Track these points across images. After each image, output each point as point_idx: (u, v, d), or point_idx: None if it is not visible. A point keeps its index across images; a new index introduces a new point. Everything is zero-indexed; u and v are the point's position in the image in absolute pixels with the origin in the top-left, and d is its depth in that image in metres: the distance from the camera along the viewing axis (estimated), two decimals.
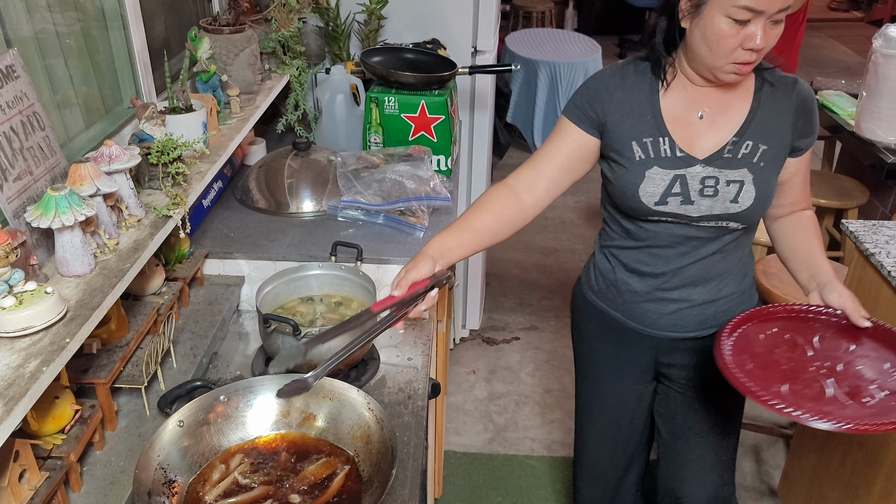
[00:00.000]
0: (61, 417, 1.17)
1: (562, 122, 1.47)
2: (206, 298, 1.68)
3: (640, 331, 1.56)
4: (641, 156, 1.39)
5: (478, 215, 1.45)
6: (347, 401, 1.31)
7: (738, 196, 1.36)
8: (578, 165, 1.48)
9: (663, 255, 1.46)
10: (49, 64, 1.39)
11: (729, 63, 1.27)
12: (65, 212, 1.09)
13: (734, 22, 1.22)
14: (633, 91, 1.40)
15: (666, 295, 1.49)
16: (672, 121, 1.39)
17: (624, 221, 1.49)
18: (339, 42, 2.34)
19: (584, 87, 1.45)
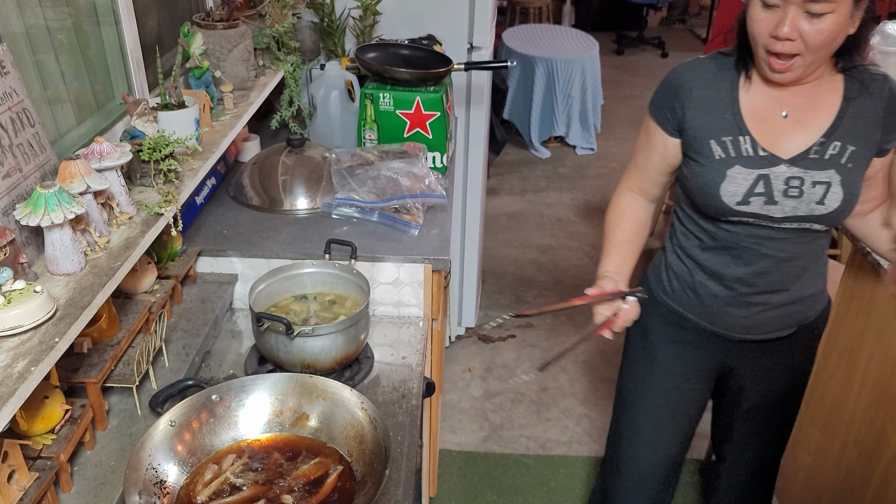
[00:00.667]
0: (51, 417, 1.16)
1: (648, 122, 1.47)
2: (199, 296, 1.66)
3: (715, 332, 1.54)
4: (721, 154, 1.36)
5: (621, 227, 1.53)
6: (340, 400, 1.30)
7: (824, 198, 1.33)
8: (668, 167, 1.49)
9: (744, 258, 1.43)
10: (40, 59, 1.37)
11: (764, 52, 1.25)
12: (54, 209, 1.07)
13: (764, 6, 1.21)
14: (712, 87, 1.37)
15: (747, 298, 1.47)
16: (753, 119, 1.35)
17: (702, 222, 1.46)
18: (334, 38, 2.32)
19: (664, 83, 1.43)
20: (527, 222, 4.22)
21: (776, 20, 1.21)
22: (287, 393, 1.32)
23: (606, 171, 4.84)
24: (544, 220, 4.24)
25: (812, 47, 1.21)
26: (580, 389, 2.96)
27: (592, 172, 4.83)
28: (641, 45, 7.40)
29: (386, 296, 1.75)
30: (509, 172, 4.81)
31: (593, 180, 4.72)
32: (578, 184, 4.68)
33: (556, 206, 4.41)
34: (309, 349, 1.44)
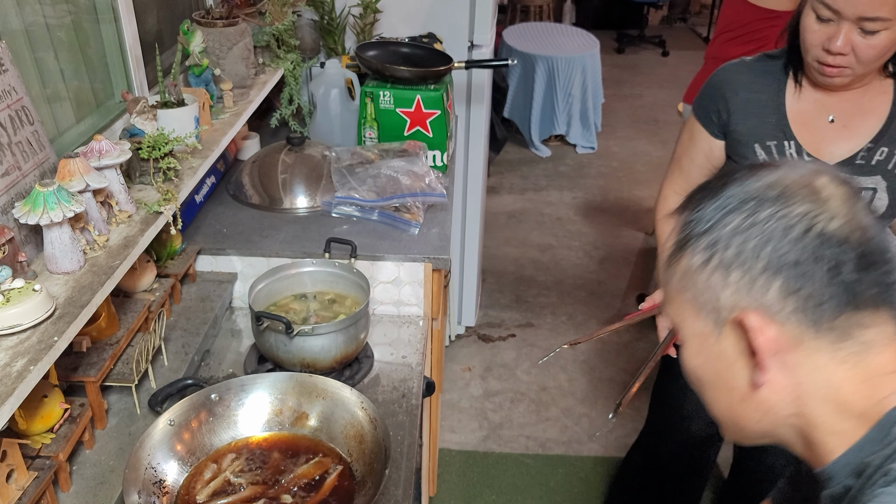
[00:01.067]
0: (50, 416, 1.15)
1: (692, 124, 1.46)
2: (199, 295, 1.66)
3: None
4: (765, 159, 1.35)
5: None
6: (340, 400, 1.30)
7: (869, 204, 1.29)
8: (711, 169, 1.48)
9: None
10: (39, 57, 1.36)
11: (815, 61, 1.25)
12: (53, 208, 1.07)
13: (818, 19, 1.21)
14: (757, 90, 1.36)
15: None
16: (798, 124, 1.34)
17: None
18: (334, 36, 2.32)
19: (708, 84, 1.42)
20: (527, 221, 4.21)
21: (829, 33, 1.20)
22: (287, 392, 1.32)
23: (607, 170, 4.84)
24: (544, 219, 4.23)
25: (864, 61, 1.21)
26: (580, 389, 2.95)
27: (593, 171, 4.82)
28: (642, 44, 7.39)
29: (386, 295, 1.74)
30: (509, 171, 4.80)
31: (594, 179, 4.72)
32: (579, 183, 4.68)
33: (556, 204, 4.40)
34: (309, 348, 1.43)
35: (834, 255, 0.67)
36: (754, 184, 0.72)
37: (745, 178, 0.73)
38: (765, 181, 0.71)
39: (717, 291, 0.71)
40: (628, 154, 5.07)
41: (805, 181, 0.71)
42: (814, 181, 0.71)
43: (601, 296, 3.55)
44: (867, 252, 0.68)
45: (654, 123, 5.54)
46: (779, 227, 0.69)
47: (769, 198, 0.70)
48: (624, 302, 3.51)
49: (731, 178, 0.74)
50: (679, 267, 0.76)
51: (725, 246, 0.71)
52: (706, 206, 0.73)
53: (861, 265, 0.68)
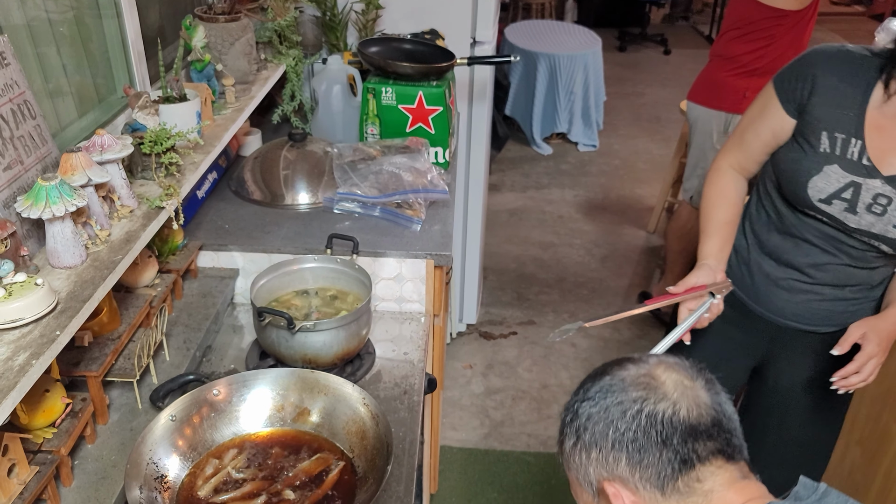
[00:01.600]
0: (52, 411, 1.15)
1: (768, 96, 1.42)
2: (200, 291, 1.66)
3: (762, 315, 1.53)
4: (826, 149, 1.34)
5: (724, 209, 1.49)
6: (342, 396, 1.30)
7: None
8: (774, 146, 1.44)
9: (805, 249, 1.43)
10: (41, 52, 1.36)
11: None
12: (55, 202, 1.07)
13: None
14: (849, 81, 1.32)
15: (798, 285, 1.47)
16: (873, 127, 1.31)
17: (779, 203, 1.45)
18: (336, 32, 2.31)
19: (801, 60, 1.38)
20: (528, 219, 4.21)
21: None
22: (288, 388, 1.32)
23: (609, 168, 4.83)
24: (546, 217, 4.23)
25: None
26: None
27: (594, 169, 4.82)
28: (644, 42, 7.38)
29: (387, 291, 1.74)
30: (511, 169, 4.80)
31: (595, 177, 4.71)
32: (580, 181, 4.67)
33: (557, 202, 4.40)
34: (310, 344, 1.43)
35: (662, 431, 0.84)
36: (605, 378, 0.90)
37: (599, 376, 0.92)
38: (613, 376, 0.90)
39: (587, 467, 0.89)
40: (630, 152, 5.06)
41: (644, 371, 0.89)
42: (652, 371, 0.89)
43: (602, 294, 3.55)
44: (695, 423, 0.84)
45: (655, 122, 5.54)
46: (618, 411, 0.86)
47: (613, 388, 0.89)
48: (625, 300, 3.50)
49: (590, 377, 0.93)
50: (563, 450, 0.94)
51: (584, 429, 0.89)
52: (573, 399, 0.93)
53: (689, 434, 0.84)
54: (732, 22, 2.70)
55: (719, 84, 2.78)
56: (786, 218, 1.45)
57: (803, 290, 1.47)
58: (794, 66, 1.39)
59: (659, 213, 4.04)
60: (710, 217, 1.50)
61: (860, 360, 1.40)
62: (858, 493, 1.84)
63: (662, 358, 0.93)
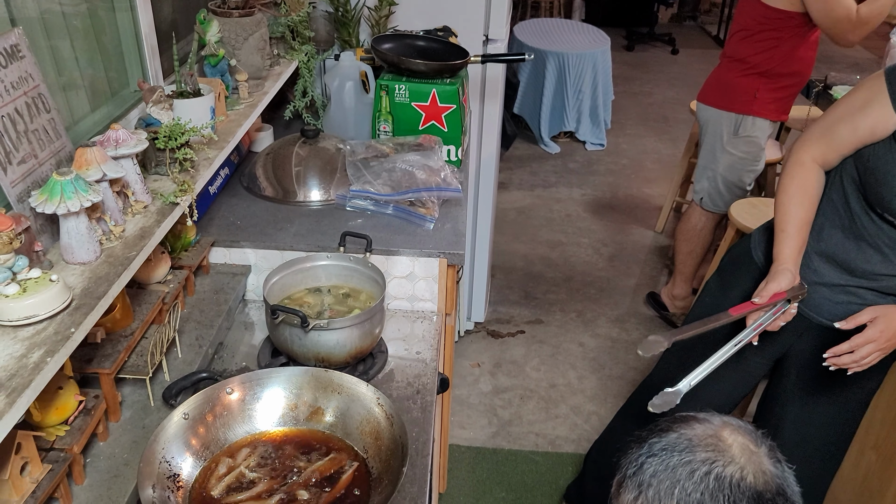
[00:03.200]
0: (65, 408, 1.14)
1: (875, 88, 1.31)
2: (212, 287, 1.65)
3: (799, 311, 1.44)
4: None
5: (805, 207, 1.40)
6: (356, 395, 1.28)
7: None
8: (868, 141, 1.34)
9: (868, 255, 1.37)
10: (54, 45, 1.35)
11: None
12: (70, 197, 1.06)
13: None
14: None
15: (845, 287, 1.41)
16: None
17: (856, 205, 1.38)
18: (349, 28, 2.30)
19: None
20: (536, 217, 4.19)
21: None
22: (302, 387, 1.31)
23: (616, 167, 4.81)
24: (554, 216, 4.21)
25: None
26: (589, 387, 2.93)
27: (602, 168, 4.80)
28: (652, 42, 7.35)
29: (400, 290, 1.72)
30: (519, 167, 4.78)
31: (603, 176, 4.69)
32: (588, 179, 4.65)
33: (565, 201, 4.38)
34: (324, 343, 1.42)
35: (730, 495, 0.84)
36: (671, 436, 0.91)
37: (665, 433, 0.92)
38: (680, 434, 0.90)
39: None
40: (638, 151, 5.04)
41: (711, 432, 0.89)
42: (719, 432, 0.89)
43: (610, 293, 3.53)
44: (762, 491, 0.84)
45: (663, 121, 5.51)
46: (685, 471, 0.86)
47: (680, 447, 0.89)
48: (633, 299, 3.49)
49: (655, 431, 0.93)
50: (620, 500, 0.93)
51: (648, 485, 0.88)
52: (637, 452, 0.93)
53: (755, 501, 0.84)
54: (740, 23, 2.68)
55: (730, 85, 2.76)
56: (858, 219, 1.37)
57: (848, 291, 1.42)
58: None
59: (667, 213, 4.02)
60: (791, 214, 1.40)
61: (856, 341, 1.35)
62: (874, 499, 1.82)
63: (727, 419, 0.93)
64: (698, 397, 1.67)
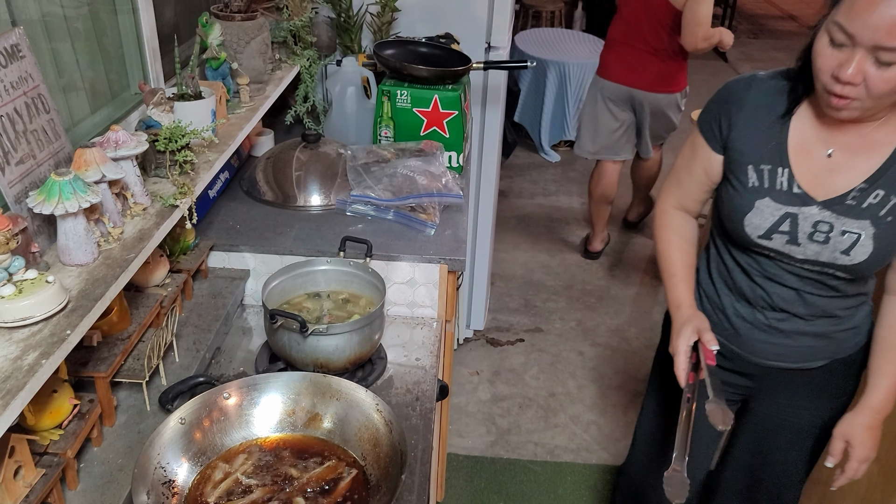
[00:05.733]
0: (59, 412, 1.12)
1: (695, 136, 1.42)
2: (210, 291, 1.63)
3: (745, 357, 1.50)
4: (755, 183, 1.31)
5: (684, 251, 1.48)
6: (355, 401, 1.27)
7: (851, 249, 1.25)
8: (710, 184, 1.44)
9: (767, 287, 1.39)
10: (55, 47, 1.34)
11: (822, 89, 1.17)
12: (69, 198, 1.04)
13: (831, 42, 1.12)
14: (764, 110, 1.30)
15: (775, 324, 1.43)
16: (797, 151, 1.28)
17: (731, 246, 1.43)
18: (351, 34, 2.29)
19: (716, 96, 1.37)
20: (536, 225, 4.18)
21: (841, 60, 1.11)
22: (300, 393, 1.29)
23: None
24: (554, 224, 4.20)
25: (875, 95, 1.12)
26: (588, 396, 2.92)
27: None
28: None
29: (400, 296, 1.71)
30: (519, 175, 4.77)
31: None
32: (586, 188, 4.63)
33: (565, 209, 4.37)
34: (322, 348, 1.41)
35: None
36: None
37: None
38: None
39: None
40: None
41: None
42: None
43: (610, 302, 3.52)
44: None
45: None
46: None
47: None
48: (633, 308, 3.47)
49: None
50: None
51: None
52: None
53: None
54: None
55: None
56: (739, 259, 1.42)
57: (781, 329, 1.43)
58: (710, 104, 1.39)
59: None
60: (674, 259, 1.47)
61: (853, 468, 1.43)
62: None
63: None
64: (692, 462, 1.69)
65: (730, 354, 1.52)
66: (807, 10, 9.13)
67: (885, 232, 1.24)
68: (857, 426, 1.41)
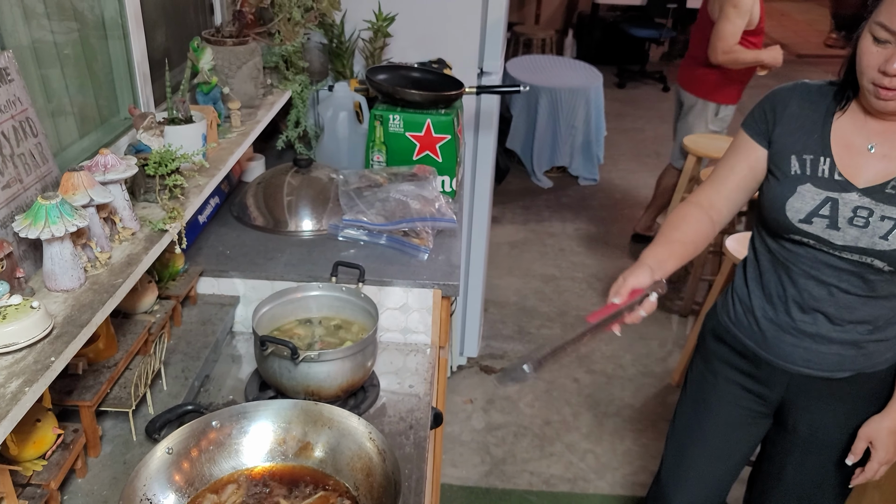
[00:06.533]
0: (42, 442, 1.09)
1: (739, 134, 1.48)
2: (200, 318, 1.61)
3: (774, 363, 1.51)
4: (797, 171, 1.37)
5: (680, 230, 1.49)
6: (347, 430, 1.24)
7: (890, 233, 1.30)
8: (753, 182, 1.48)
9: (800, 282, 1.42)
10: (44, 73, 1.33)
11: (870, 84, 1.24)
12: (55, 222, 1.02)
13: (875, 40, 1.21)
14: (809, 108, 1.38)
15: (802, 326, 1.45)
16: (839, 145, 1.35)
17: (768, 239, 1.47)
18: (343, 59, 2.29)
19: (764, 98, 1.45)
20: (529, 251, 4.17)
21: (887, 55, 1.20)
22: (291, 421, 1.26)
23: (609, 202, 4.82)
24: (547, 250, 4.19)
25: None
26: (584, 424, 2.88)
27: (595, 203, 4.80)
28: (643, 79, 7.44)
29: (392, 321, 1.69)
30: (511, 201, 4.78)
31: (596, 211, 4.69)
32: (581, 214, 4.65)
33: (558, 235, 4.37)
34: (314, 375, 1.38)
35: None
36: None
37: None
38: None
39: None
40: (630, 186, 5.05)
41: None
42: None
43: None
44: None
45: (656, 157, 5.54)
46: None
47: None
48: (628, 335, 3.45)
49: None
50: None
51: None
52: None
53: None
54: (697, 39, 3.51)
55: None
56: (776, 252, 1.45)
57: (809, 333, 1.45)
58: (757, 105, 1.46)
59: None
60: (664, 233, 1.49)
61: (873, 469, 1.45)
62: None
63: None
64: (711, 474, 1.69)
65: (759, 363, 1.54)
66: (795, 39, 9.26)
67: None
68: (882, 429, 1.44)
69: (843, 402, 1.51)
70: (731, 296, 1.59)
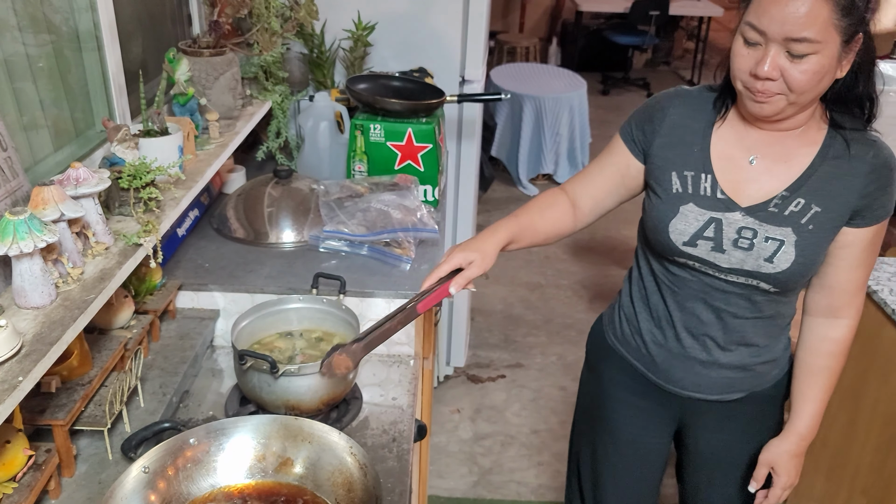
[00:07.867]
0: (13, 464, 1.06)
1: (614, 141, 1.43)
2: (178, 333, 1.58)
3: (664, 388, 1.46)
4: (679, 189, 1.30)
5: (545, 217, 1.45)
6: (328, 445, 1.22)
7: (774, 256, 1.24)
8: (622, 189, 1.44)
9: (688, 307, 1.36)
10: (17, 87, 1.31)
11: (744, 87, 1.18)
12: (23, 237, 1.00)
13: (745, 42, 1.15)
14: (689, 118, 1.31)
15: (692, 353, 1.39)
16: (720, 159, 1.28)
17: (653, 261, 1.41)
18: (324, 69, 2.28)
19: (642, 105, 1.39)
20: (515, 259, 4.16)
21: (757, 57, 1.14)
22: (270, 436, 1.24)
23: None
24: (532, 258, 4.18)
25: (795, 89, 1.13)
26: None
27: None
28: (627, 86, 7.47)
29: None
30: (497, 209, 4.77)
31: None
32: None
33: None
34: (294, 389, 1.36)
35: None
36: None
37: None
38: None
39: None
40: None
41: None
42: None
43: None
44: None
45: None
46: None
47: None
48: None
49: None
50: None
51: None
52: None
53: None
54: None
55: None
56: (660, 275, 1.39)
57: (697, 358, 1.39)
58: (636, 112, 1.40)
59: None
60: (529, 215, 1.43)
61: (776, 495, 1.42)
62: None
63: None
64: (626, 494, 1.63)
65: (650, 386, 1.48)
66: None
67: (806, 240, 1.24)
68: (782, 453, 1.40)
69: (736, 421, 1.46)
70: (618, 313, 1.52)
